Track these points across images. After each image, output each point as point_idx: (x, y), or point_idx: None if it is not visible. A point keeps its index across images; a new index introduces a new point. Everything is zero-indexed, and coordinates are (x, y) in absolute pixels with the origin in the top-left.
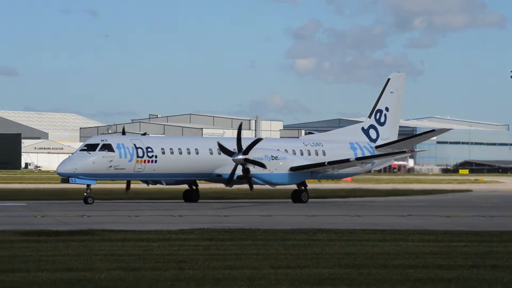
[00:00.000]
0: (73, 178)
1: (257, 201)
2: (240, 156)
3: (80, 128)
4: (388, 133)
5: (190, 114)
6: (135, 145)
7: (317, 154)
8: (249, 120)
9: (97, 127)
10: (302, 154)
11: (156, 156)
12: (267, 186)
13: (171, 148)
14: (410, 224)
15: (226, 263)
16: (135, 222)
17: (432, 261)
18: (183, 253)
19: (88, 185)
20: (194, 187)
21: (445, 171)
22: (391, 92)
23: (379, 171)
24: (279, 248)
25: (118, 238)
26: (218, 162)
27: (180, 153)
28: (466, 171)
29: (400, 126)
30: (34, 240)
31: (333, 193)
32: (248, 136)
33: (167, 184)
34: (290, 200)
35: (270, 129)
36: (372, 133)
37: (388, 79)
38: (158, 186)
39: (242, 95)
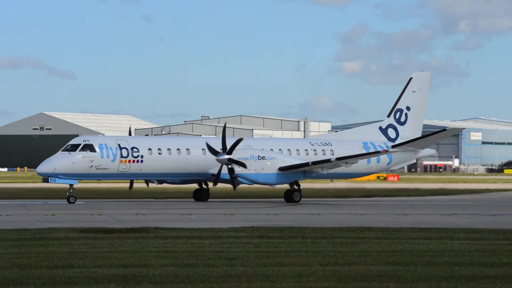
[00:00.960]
0: (52, 178)
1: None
2: (224, 156)
3: (135, 129)
4: (408, 132)
5: (241, 115)
6: (119, 145)
7: (324, 154)
8: (298, 121)
9: (151, 128)
10: (307, 154)
11: (142, 156)
12: (267, 186)
13: (159, 148)
14: (455, 223)
15: (275, 260)
16: (188, 220)
17: (477, 258)
18: (234, 250)
19: (71, 185)
20: (204, 186)
21: (490, 171)
22: (413, 91)
23: (420, 169)
24: (327, 246)
25: (172, 236)
26: (212, 161)
27: (170, 153)
28: (511, 171)
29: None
30: (91, 237)
31: (379, 192)
32: (297, 137)
33: (159, 183)
34: (283, 199)
35: (319, 130)
36: (391, 133)
37: (410, 78)
38: (165, 185)
39: (291, 97)
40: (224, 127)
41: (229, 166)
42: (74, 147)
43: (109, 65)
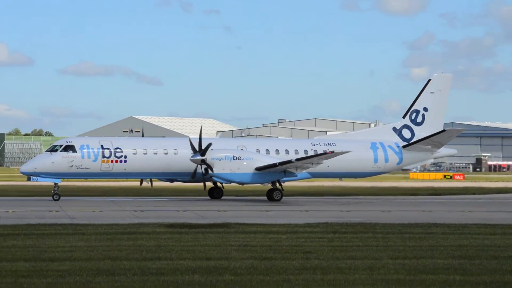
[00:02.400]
0: (34, 177)
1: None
2: (197, 157)
3: (217, 131)
4: (425, 133)
5: (316, 118)
6: (102, 146)
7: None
8: (369, 123)
9: (232, 130)
10: (306, 154)
11: (125, 156)
12: (259, 186)
13: (144, 149)
14: None
15: (348, 254)
16: (266, 217)
17: None
18: (309, 245)
19: (56, 183)
20: (219, 185)
21: None
22: (431, 92)
23: (485, 169)
24: (397, 240)
25: (251, 231)
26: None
27: (156, 153)
28: None
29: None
30: (177, 232)
31: (446, 190)
32: None
33: (170, 181)
34: (266, 198)
35: None
36: (406, 133)
37: (429, 80)
38: (175, 183)
39: (362, 101)
40: (200, 130)
41: (204, 166)
42: (55, 148)
43: (192, 72)
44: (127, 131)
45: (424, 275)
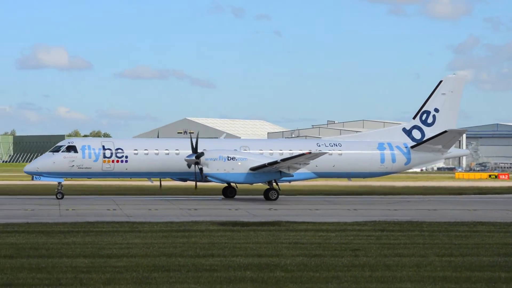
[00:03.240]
0: (37, 176)
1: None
2: (192, 158)
3: (268, 133)
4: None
5: (363, 120)
6: (103, 146)
7: (330, 154)
8: None
9: (282, 132)
10: (331, 155)
11: (126, 157)
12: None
13: (146, 149)
14: None
15: (396, 251)
16: (315, 215)
17: None
18: (357, 242)
19: (59, 183)
20: (233, 184)
21: None
22: (443, 93)
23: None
24: (443, 238)
25: (301, 229)
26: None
27: (157, 153)
28: None
29: None
30: (229, 229)
31: (491, 190)
32: None
33: (183, 180)
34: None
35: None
36: (416, 134)
37: (440, 81)
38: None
39: (408, 103)
40: (198, 134)
41: (199, 166)
42: (58, 148)
43: (244, 75)
44: (181, 132)
45: (470, 272)
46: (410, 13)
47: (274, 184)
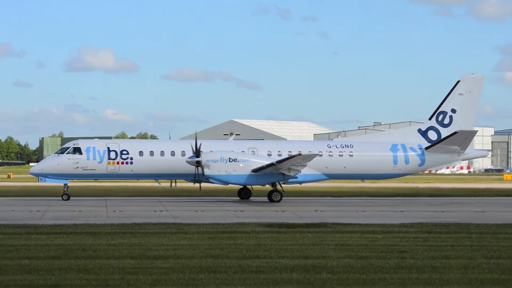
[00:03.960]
0: (42, 178)
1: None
2: (193, 159)
3: (314, 134)
4: None
5: (410, 121)
6: (108, 148)
7: (341, 155)
8: None
9: (328, 133)
10: (321, 156)
11: (131, 158)
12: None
13: (151, 151)
14: None
15: (443, 253)
16: (361, 217)
17: None
18: (404, 244)
19: (65, 184)
20: (248, 186)
21: None
22: (460, 94)
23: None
24: (491, 240)
25: (347, 230)
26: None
27: (162, 155)
28: None
29: None
30: (276, 231)
31: None
32: None
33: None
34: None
35: (482, 134)
36: (432, 135)
37: (458, 81)
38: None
39: None
40: (195, 136)
41: (199, 167)
42: (63, 150)
43: (289, 76)
44: (227, 134)
45: None
46: (456, 13)
47: (278, 186)
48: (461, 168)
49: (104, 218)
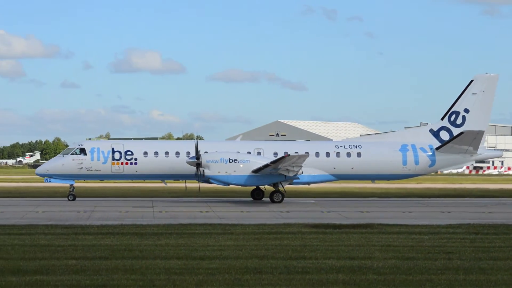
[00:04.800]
0: (47, 178)
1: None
2: (193, 160)
3: (360, 135)
4: None
5: None
6: (113, 149)
7: (349, 156)
8: (511, 126)
9: (374, 133)
10: (328, 157)
11: (136, 159)
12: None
13: (156, 152)
14: None
15: (490, 255)
16: (408, 218)
17: None
18: (451, 245)
19: (71, 184)
20: (261, 187)
21: None
22: (473, 93)
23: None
24: None
25: (394, 231)
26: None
27: (167, 155)
28: None
29: None
30: (322, 232)
31: None
32: (510, 142)
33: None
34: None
35: None
36: (444, 135)
37: (471, 81)
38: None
39: (503, 104)
40: (197, 138)
41: (202, 169)
42: (68, 151)
43: (335, 77)
44: (273, 135)
45: None
46: (505, 13)
47: (280, 187)
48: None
49: (151, 219)
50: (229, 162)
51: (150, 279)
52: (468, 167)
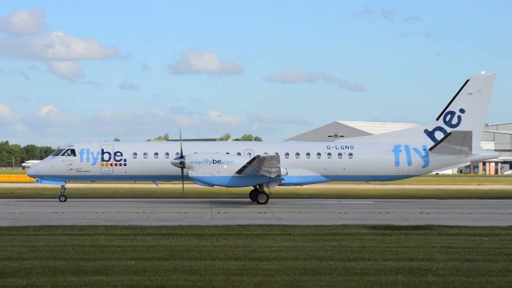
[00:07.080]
0: (38, 179)
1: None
2: (176, 160)
3: None
4: None
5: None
6: (102, 150)
7: (340, 157)
8: None
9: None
10: (319, 157)
11: (125, 160)
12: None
13: (145, 153)
14: None
15: None
16: (468, 219)
17: None
18: None
19: (62, 185)
20: (258, 187)
21: None
22: (469, 93)
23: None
24: None
25: (453, 233)
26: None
27: (156, 156)
28: None
29: None
30: (380, 233)
31: None
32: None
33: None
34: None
35: None
36: (439, 136)
37: (467, 80)
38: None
39: None
40: (180, 134)
41: (184, 169)
42: (59, 152)
43: (393, 77)
44: (331, 136)
45: None
46: None
47: (265, 187)
48: None
49: (209, 220)
50: (213, 163)
51: (209, 280)
52: None
